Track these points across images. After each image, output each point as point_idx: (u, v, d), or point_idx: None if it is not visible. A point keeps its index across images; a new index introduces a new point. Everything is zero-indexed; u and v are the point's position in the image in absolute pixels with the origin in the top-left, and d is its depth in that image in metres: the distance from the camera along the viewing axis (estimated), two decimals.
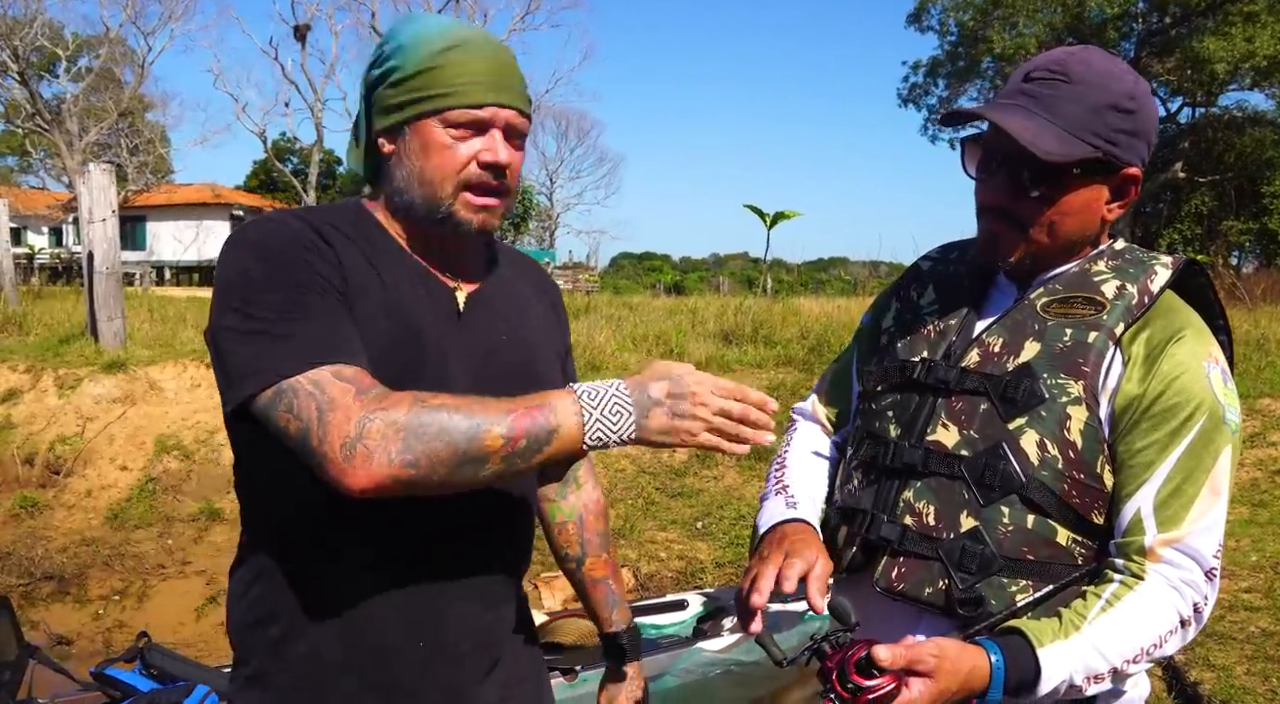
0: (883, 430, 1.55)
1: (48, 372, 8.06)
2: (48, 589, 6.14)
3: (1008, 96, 1.44)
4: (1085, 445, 1.39)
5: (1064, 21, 27.18)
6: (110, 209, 8.45)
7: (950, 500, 1.44)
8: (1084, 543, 1.41)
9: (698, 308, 11.85)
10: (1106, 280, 1.45)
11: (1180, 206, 29.89)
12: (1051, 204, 1.42)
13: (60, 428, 7.55)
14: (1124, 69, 1.43)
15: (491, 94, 1.39)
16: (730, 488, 6.74)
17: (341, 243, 1.38)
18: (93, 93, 32.86)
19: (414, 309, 1.41)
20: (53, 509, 6.95)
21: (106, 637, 5.65)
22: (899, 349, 1.58)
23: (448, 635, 1.43)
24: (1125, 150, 1.41)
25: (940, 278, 1.63)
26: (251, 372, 1.25)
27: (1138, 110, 1.41)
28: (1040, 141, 1.36)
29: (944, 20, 29.91)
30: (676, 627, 4.22)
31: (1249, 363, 8.27)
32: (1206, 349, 1.40)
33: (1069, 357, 1.41)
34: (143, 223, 41.35)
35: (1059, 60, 1.42)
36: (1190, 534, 1.35)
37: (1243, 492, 5.83)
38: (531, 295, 1.61)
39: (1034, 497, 1.39)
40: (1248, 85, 26.94)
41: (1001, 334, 1.47)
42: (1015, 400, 1.42)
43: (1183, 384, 1.36)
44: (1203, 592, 1.36)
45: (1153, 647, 1.35)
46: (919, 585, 1.44)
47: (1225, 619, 4.24)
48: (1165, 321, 1.41)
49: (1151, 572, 1.36)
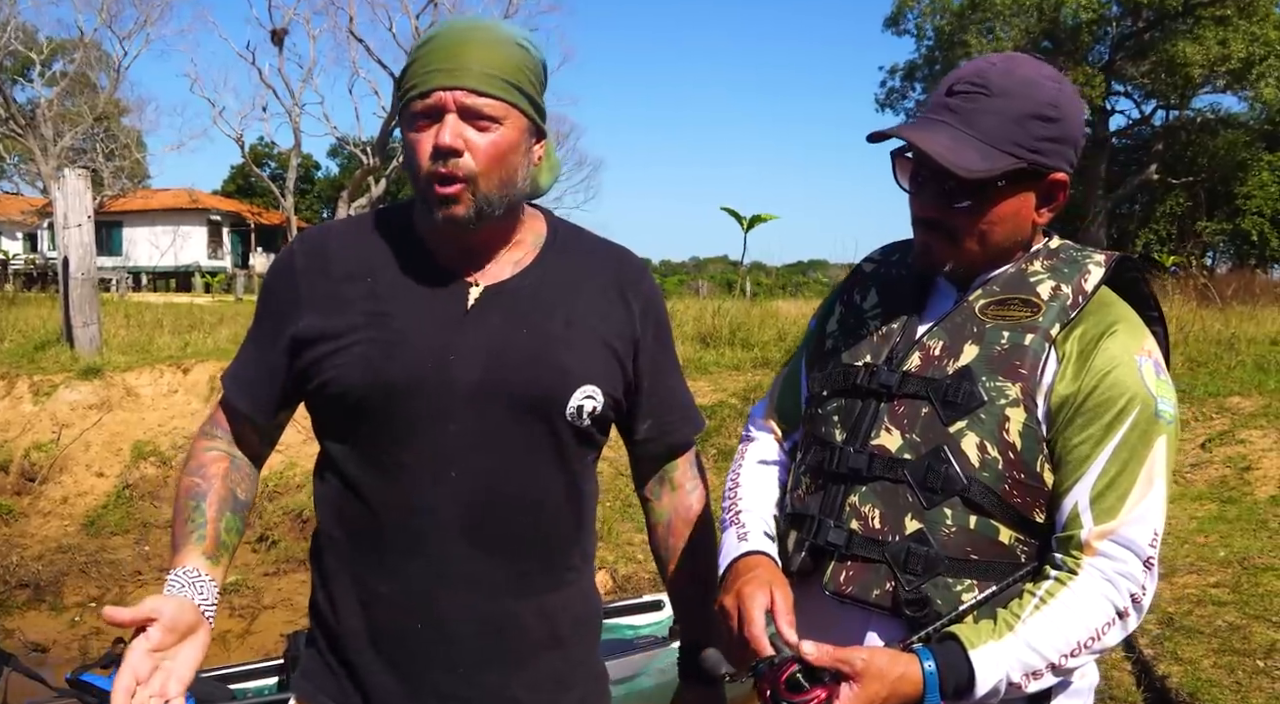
0: (828, 435, 1.56)
1: (23, 378, 8.02)
2: (23, 597, 6.13)
3: (933, 111, 1.46)
4: (1025, 446, 1.40)
5: (1040, 26, 27.41)
6: (86, 214, 8.42)
7: (895, 504, 1.46)
8: (1026, 542, 1.43)
9: (676, 311, 11.86)
10: (1042, 281, 1.47)
11: (1155, 208, 30.20)
12: (980, 215, 1.44)
13: (36, 435, 7.51)
14: (1048, 76, 1.44)
15: (439, 78, 1.38)
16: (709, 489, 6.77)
17: (334, 259, 1.49)
18: (67, 97, 32.65)
19: (407, 314, 1.45)
20: (28, 516, 6.92)
21: (83, 644, 5.64)
22: (843, 353, 1.60)
23: (446, 621, 1.46)
24: (1050, 157, 1.43)
25: (882, 280, 1.65)
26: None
27: (1061, 118, 1.42)
28: (960, 159, 1.38)
29: (921, 24, 30.14)
30: (652, 627, 4.25)
31: (1220, 362, 8.38)
32: (1139, 343, 1.42)
33: (1006, 359, 1.43)
34: (119, 228, 41.04)
35: (980, 72, 1.43)
36: (1125, 525, 1.37)
37: (1211, 488, 5.91)
38: (590, 282, 1.56)
39: (975, 498, 1.41)
40: (1221, 88, 27.23)
41: (942, 337, 1.49)
42: (955, 403, 1.43)
43: (1115, 378, 1.38)
44: (1139, 582, 1.37)
45: (1090, 640, 1.35)
46: (866, 588, 1.46)
47: (1193, 613, 4.30)
48: (1098, 318, 1.43)
49: (1086, 565, 1.37)
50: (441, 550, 1.45)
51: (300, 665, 1.59)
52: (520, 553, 1.49)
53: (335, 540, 1.52)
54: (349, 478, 1.49)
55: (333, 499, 1.52)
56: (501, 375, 1.44)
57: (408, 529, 1.46)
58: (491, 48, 1.40)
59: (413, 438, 1.44)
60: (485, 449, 1.45)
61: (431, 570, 1.45)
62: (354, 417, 1.46)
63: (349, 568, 1.51)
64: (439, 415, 1.44)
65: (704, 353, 9.23)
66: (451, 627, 1.46)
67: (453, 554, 1.45)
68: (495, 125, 1.40)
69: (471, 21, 1.45)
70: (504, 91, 1.40)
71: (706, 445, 7.26)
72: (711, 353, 9.26)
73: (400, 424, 1.44)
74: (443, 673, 1.47)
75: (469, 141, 1.39)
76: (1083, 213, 29.06)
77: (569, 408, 1.47)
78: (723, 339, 9.77)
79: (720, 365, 8.72)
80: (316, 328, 1.45)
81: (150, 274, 38.75)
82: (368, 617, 1.49)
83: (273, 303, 1.52)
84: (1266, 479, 5.87)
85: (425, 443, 1.44)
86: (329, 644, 1.53)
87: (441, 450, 1.44)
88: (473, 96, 1.37)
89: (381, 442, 1.45)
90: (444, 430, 1.44)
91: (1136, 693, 3.90)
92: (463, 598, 1.46)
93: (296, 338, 1.47)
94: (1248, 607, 4.33)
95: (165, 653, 1.27)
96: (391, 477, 1.46)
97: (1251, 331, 9.50)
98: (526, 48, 1.45)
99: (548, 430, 1.47)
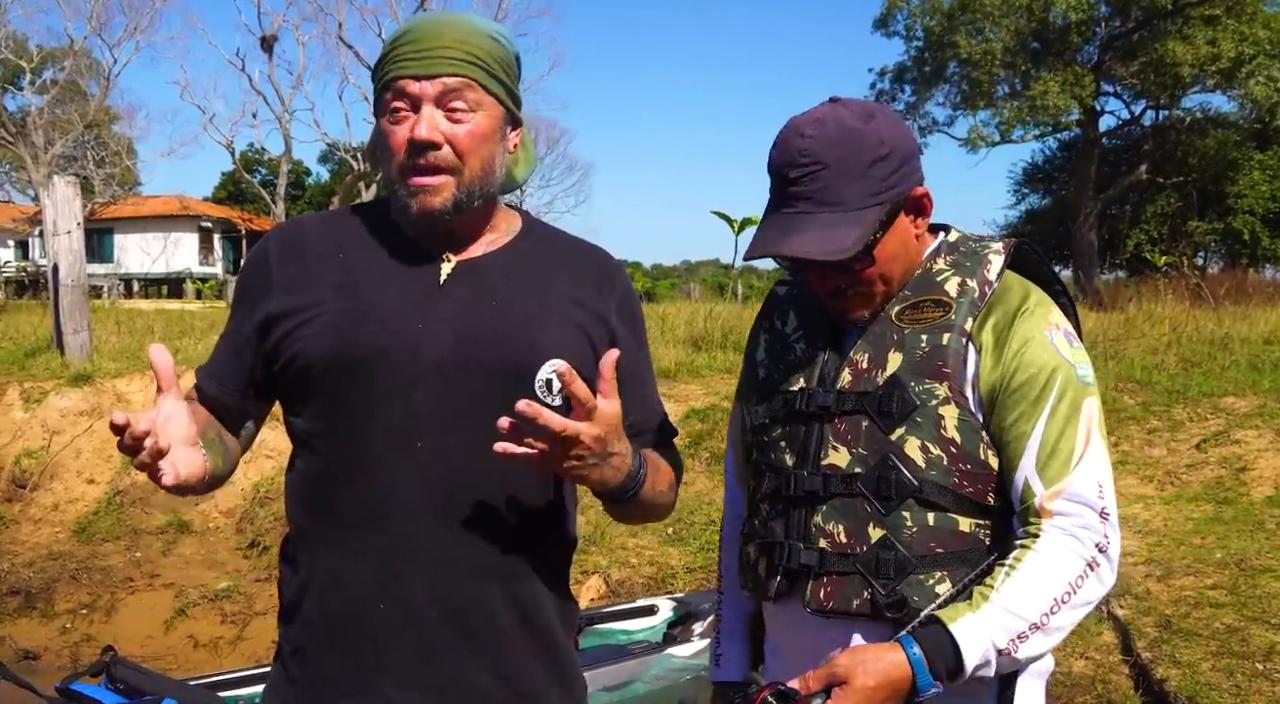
0: (779, 462, 1.59)
1: (13, 385, 7.98)
2: (14, 604, 6.09)
3: (786, 205, 1.48)
4: (964, 438, 1.48)
5: (1029, 26, 27.45)
6: (75, 221, 8.39)
7: (856, 517, 1.51)
8: (985, 525, 1.50)
9: (667, 314, 11.86)
10: (948, 278, 1.54)
11: (1145, 208, 30.24)
12: (873, 264, 1.50)
13: (26, 441, 7.47)
14: (861, 119, 1.47)
15: (413, 67, 1.38)
16: (700, 493, 6.75)
17: (308, 244, 1.51)
18: (58, 105, 32.52)
19: (377, 285, 1.45)
20: (19, 523, 6.88)
21: (74, 651, 5.61)
22: (776, 381, 1.63)
23: (409, 602, 1.42)
24: (904, 183, 1.49)
25: (799, 301, 1.68)
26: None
27: (893, 148, 1.47)
28: (835, 246, 1.44)
29: (910, 25, 30.12)
30: (647, 632, 4.22)
31: (1213, 362, 8.38)
32: (1046, 318, 1.50)
33: (929, 362, 1.49)
34: (110, 235, 41.01)
35: (807, 150, 1.45)
36: (1071, 483, 1.43)
37: (1207, 489, 5.90)
38: (565, 269, 1.56)
39: (929, 496, 1.48)
40: (1211, 87, 27.28)
41: (866, 350, 1.54)
42: (890, 413, 1.49)
43: (1032, 356, 1.46)
44: (1100, 531, 1.43)
45: (1066, 594, 1.40)
46: (846, 600, 1.50)
47: (1191, 616, 4.29)
48: (1005, 304, 1.50)
49: (1045, 527, 1.44)
50: (404, 527, 1.42)
51: (268, 681, 1.56)
52: (488, 534, 1.45)
53: (300, 528, 1.50)
54: (316, 456, 1.47)
55: (298, 485, 1.51)
56: (471, 347, 1.43)
57: (371, 504, 1.43)
58: (465, 37, 1.42)
59: (379, 408, 1.42)
60: (453, 422, 1.42)
61: (394, 547, 1.42)
62: (322, 391, 1.44)
63: (314, 552, 1.48)
64: (406, 386, 1.42)
65: (695, 356, 9.22)
66: (415, 608, 1.42)
67: (417, 531, 1.42)
68: (471, 114, 1.40)
69: (446, 14, 1.46)
70: (479, 76, 1.41)
71: (699, 449, 7.25)
72: (703, 356, 9.25)
73: (367, 395, 1.42)
74: (403, 656, 1.43)
75: (446, 133, 1.39)
76: (1073, 214, 29.13)
77: (538, 381, 1.45)
78: (714, 342, 9.76)
79: (712, 368, 8.71)
80: (286, 305, 1.46)
81: (142, 281, 38.72)
82: (328, 601, 1.46)
83: (245, 291, 1.54)
84: (1262, 480, 5.85)
85: (392, 414, 1.42)
86: (290, 645, 1.50)
87: (408, 422, 1.42)
88: (447, 80, 1.39)
89: (349, 414, 1.43)
90: (411, 401, 1.41)
91: (1135, 697, 3.90)
92: (427, 578, 1.42)
93: (267, 317, 1.47)
94: (1246, 609, 4.31)
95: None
96: (358, 451, 1.43)
97: (1245, 331, 9.49)
98: (499, 39, 1.46)
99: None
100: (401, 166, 1.40)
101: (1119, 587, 4.59)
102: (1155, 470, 6.19)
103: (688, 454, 7.27)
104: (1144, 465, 6.28)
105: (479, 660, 1.46)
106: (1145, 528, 5.39)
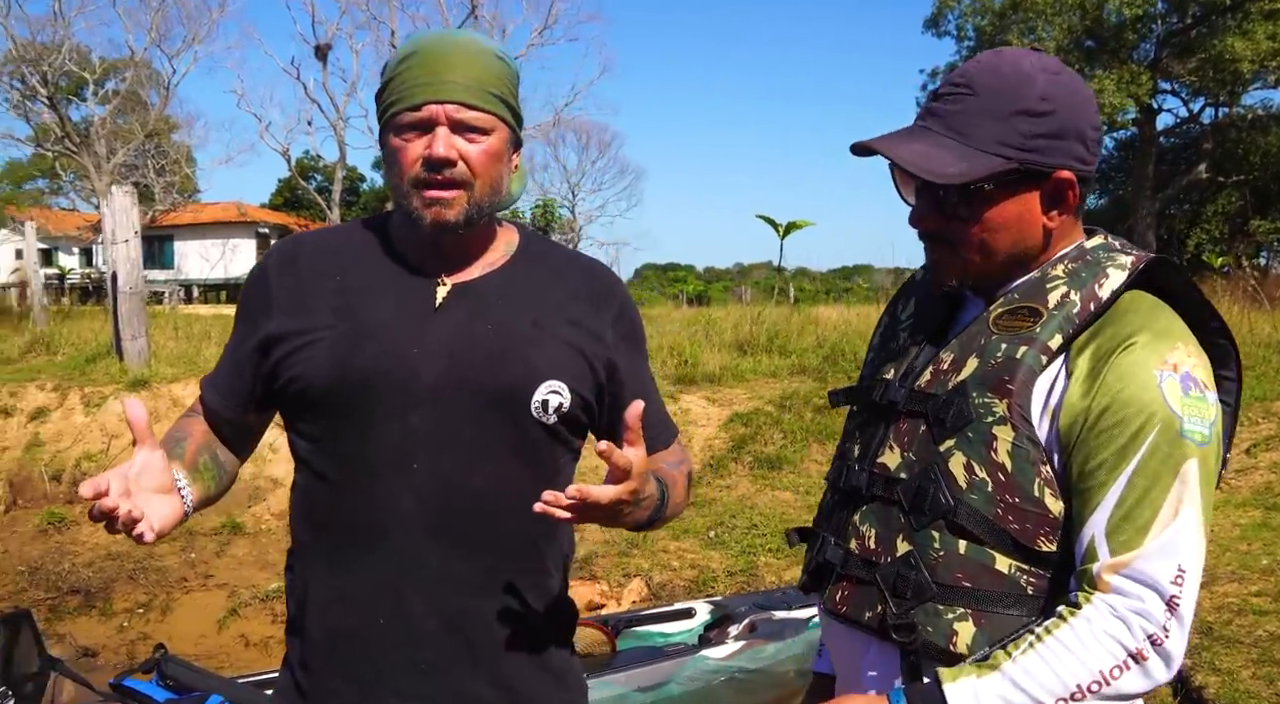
0: (848, 451, 1.54)
1: (75, 390, 8.23)
2: (74, 602, 6.27)
3: (920, 118, 1.42)
4: (1016, 467, 1.31)
5: (1082, 24, 27.06)
6: (132, 230, 8.61)
7: (888, 525, 1.41)
8: (1032, 572, 1.33)
9: (715, 318, 11.88)
10: (1057, 287, 1.36)
11: (1205, 207, 29.65)
12: (976, 222, 1.37)
13: (86, 445, 7.71)
14: (1039, 69, 1.35)
15: (428, 92, 1.42)
16: (743, 497, 6.78)
17: (306, 264, 1.55)
18: (120, 115, 33.35)
19: (374, 309, 1.49)
20: (79, 524, 7.08)
21: (130, 649, 5.76)
22: (873, 366, 1.57)
23: (409, 617, 1.47)
24: (1049, 155, 1.34)
25: (922, 291, 1.59)
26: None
27: (1055, 111, 1.33)
28: (934, 166, 1.33)
29: (961, 25, 29.86)
30: (683, 635, 4.26)
31: (1268, 365, 8.23)
32: (1159, 356, 1.27)
33: (997, 374, 1.34)
34: (170, 242, 41.82)
35: (965, 72, 1.38)
36: (1142, 558, 1.25)
37: (1256, 495, 5.82)
38: (560, 287, 1.57)
39: (962, 522, 1.33)
40: (1272, 83, 26.68)
41: (954, 351, 1.41)
42: (945, 421, 1.36)
43: (1129, 396, 1.26)
44: (1158, 622, 1.24)
45: (1094, 684, 1.24)
46: (859, 609, 1.43)
47: (1233, 623, 4.24)
48: (1116, 329, 1.31)
49: (1096, 601, 1.27)
50: (403, 545, 1.46)
51: (276, 687, 1.62)
52: (485, 550, 1.48)
53: (304, 544, 1.56)
54: (317, 476, 1.52)
55: (301, 502, 1.56)
56: (465, 370, 1.46)
57: (371, 523, 1.47)
58: (474, 60, 1.45)
59: (376, 431, 1.46)
60: (448, 444, 1.46)
61: (394, 565, 1.46)
62: (322, 412, 1.49)
63: (315, 568, 1.53)
64: (402, 409, 1.45)
65: (741, 361, 9.24)
66: (414, 622, 1.47)
67: (415, 548, 1.46)
68: (484, 136, 1.45)
69: (450, 34, 1.49)
70: (492, 104, 1.45)
71: (742, 453, 7.28)
72: (748, 360, 9.27)
73: (365, 417, 1.46)
74: (404, 670, 1.48)
75: (461, 151, 1.43)
76: (1131, 214, 28.64)
77: (534, 402, 1.48)
78: (760, 346, 9.77)
79: (757, 372, 8.73)
80: (285, 326, 1.50)
81: (201, 286, 39.42)
82: (331, 616, 1.51)
83: (246, 308, 1.58)
84: None
85: (388, 436, 1.46)
86: (297, 657, 1.56)
87: (405, 444, 1.46)
88: (464, 110, 1.43)
89: (347, 436, 1.48)
90: (407, 424, 1.45)
91: (1172, 703, 3.86)
92: (425, 593, 1.47)
93: (267, 337, 1.52)
94: None
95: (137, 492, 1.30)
96: (356, 470, 1.48)
97: None
98: (504, 59, 1.50)
99: (514, 427, 1.48)
100: (416, 180, 1.44)
101: None
102: None
103: (730, 458, 7.29)
104: None
105: (479, 672, 1.49)
106: None
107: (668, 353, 9.41)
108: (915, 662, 1.37)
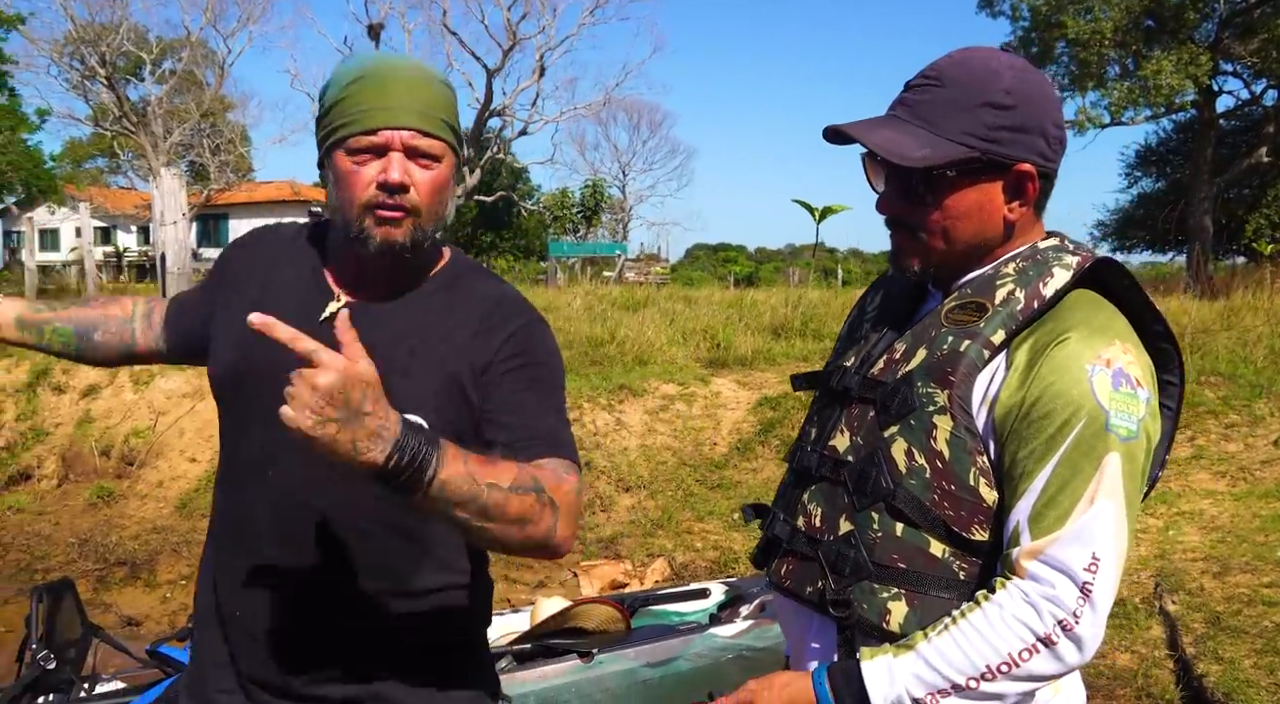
0: (806, 433, 1.62)
1: (124, 368, 8.48)
2: (120, 574, 6.52)
3: (892, 108, 1.48)
4: (954, 456, 1.37)
5: (1141, 4, 26.49)
6: (181, 212, 8.85)
7: (834, 504, 1.48)
8: (965, 558, 1.39)
9: (755, 301, 11.91)
10: (1005, 284, 1.42)
11: (1266, 192, 28.98)
12: (938, 208, 1.43)
13: (134, 421, 7.97)
14: (1006, 66, 1.42)
15: (384, 117, 1.45)
16: (769, 480, 6.85)
17: (252, 255, 1.68)
18: (176, 95, 33.80)
19: (273, 311, 1.41)
20: (127, 499, 7.36)
21: (172, 619, 6.00)
22: (837, 354, 1.64)
23: (258, 619, 1.53)
24: (1010, 147, 1.40)
25: (890, 284, 1.66)
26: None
27: (1017, 105, 1.39)
28: (900, 149, 1.39)
29: (1016, 6, 29.34)
30: (697, 615, 4.36)
31: None
32: (1095, 351, 1.32)
33: (941, 366, 1.40)
34: (225, 220, 42.49)
35: (936, 66, 1.44)
36: (1056, 544, 1.30)
37: (1279, 487, 5.79)
38: (455, 315, 1.57)
39: (900, 505, 1.40)
40: None
41: (908, 341, 1.48)
42: (890, 408, 1.43)
43: (1059, 388, 1.31)
44: (1069, 608, 1.29)
45: (1003, 665, 1.31)
46: (801, 584, 1.51)
47: (1242, 613, 4.26)
48: (1055, 324, 1.36)
49: (1010, 587, 1.33)
50: (256, 548, 1.53)
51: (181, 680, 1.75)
52: (336, 566, 1.51)
53: (208, 538, 1.68)
54: (218, 471, 1.65)
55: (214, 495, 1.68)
56: None
57: (236, 524, 1.57)
58: (423, 87, 1.49)
59: (250, 433, 1.54)
60: (301, 457, 1.30)
61: (252, 563, 1.54)
62: (221, 408, 1.61)
63: (209, 544, 1.66)
64: (269, 416, 1.35)
65: (774, 344, 9.29)
66: (267, 622, 1.52)
67: (269, 552, 1.52)
68: (436, 163, 1.49)
69: (395, 59, 1.53)
70: (443, 132, 1.50)
71: (769, 436, 7.35)
72: (782, 344, 9.32)
73: (244, 418, 1.55)
74: (261, 664, 1.54)
75: (413, 178, 1.47)
76: (1188, 198, 28.09)
77: None
78: (794, 330, 9.81)
79: (789, 356, 8.78)
80: (219, 312, 1.63)
81: None
82: (207, 595, 1.62)
83: (211, 278, 1.73)
84: None
85: (257, 441, 1.52)
86: (193, 624, 1.69)
87: (267, 450, 1.50)
88: (419, 137, 1.47)
89: (232, 430, 1.59)
90: (270, 431, 1.32)
91: (1174, 691, 3.90)
92: (276, 595, 1.52)
93: (210, 315, 1.66)
94: None
95: None
96: (229, 468, 1.59)
97: None
98: (449, 86, 1.54)
99: None
100: (368, 202, 1.46)
101: (1171, 582, 4.57)
102: (1229, 466, 6.09)
103: (757, 441, 7.36)
104: (1218, 461, 6.18)
105: (332, 672, 1.53)
106: (1210, 524, 5.34)
107: (702, 335, 9.49)
108: (851, 637, 1.45)
